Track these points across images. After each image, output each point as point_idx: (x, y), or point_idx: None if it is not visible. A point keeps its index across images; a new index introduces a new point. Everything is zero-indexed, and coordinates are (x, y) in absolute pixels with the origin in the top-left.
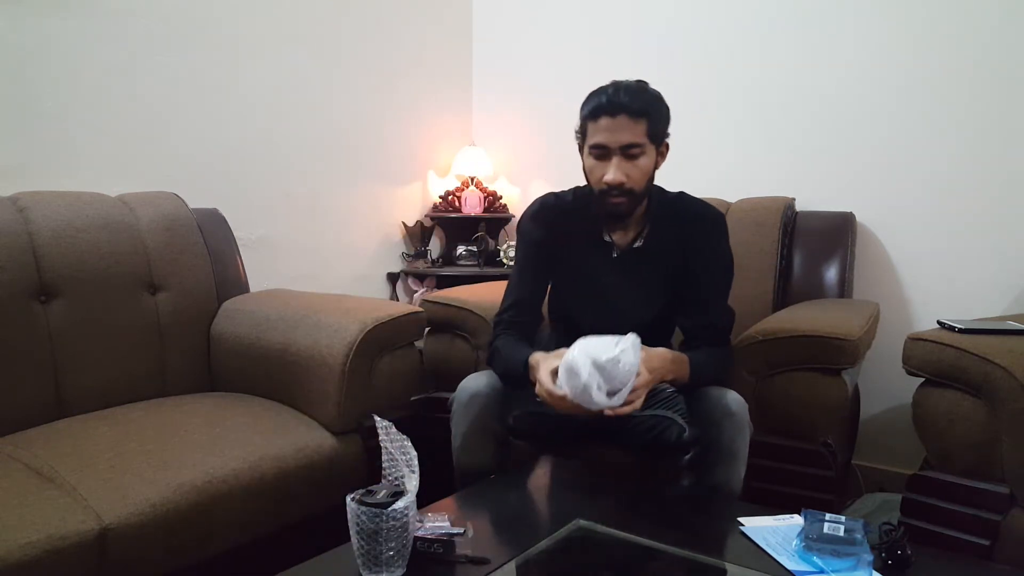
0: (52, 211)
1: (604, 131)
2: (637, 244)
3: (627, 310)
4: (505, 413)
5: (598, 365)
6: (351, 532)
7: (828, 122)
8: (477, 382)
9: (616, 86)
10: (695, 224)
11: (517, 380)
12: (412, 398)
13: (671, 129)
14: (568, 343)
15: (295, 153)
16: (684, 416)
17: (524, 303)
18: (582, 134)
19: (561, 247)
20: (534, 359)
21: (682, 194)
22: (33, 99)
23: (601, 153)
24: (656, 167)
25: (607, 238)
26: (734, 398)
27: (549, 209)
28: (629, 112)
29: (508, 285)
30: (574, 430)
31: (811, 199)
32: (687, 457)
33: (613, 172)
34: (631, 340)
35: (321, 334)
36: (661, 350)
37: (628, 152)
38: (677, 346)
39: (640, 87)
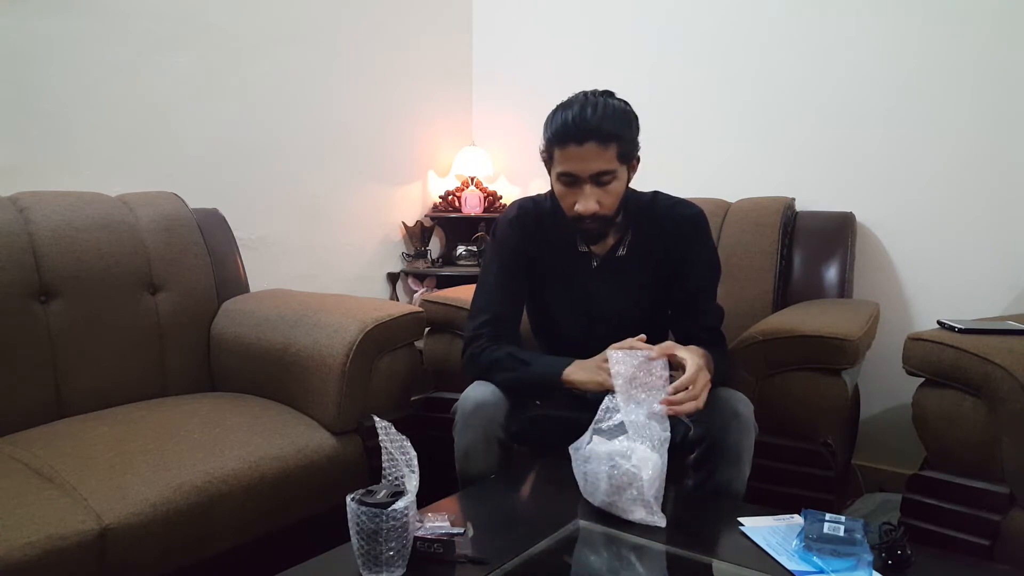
0: (52, 211)
1: (573, 160)
2: (620, 252)
3: (613, 319)
4: (509, 420)
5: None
6: (351, 532)
7: (828, 122)
8: (481, 391)
9: (582, 105)
10: (679, 228)
11: (543, 389)
12: (412, 398)
13: (668, 132)
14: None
15: (295, 153)
16: (690, 416)
17: (503, 317)
18: (548, 155)
19: (540, 255)
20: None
21: (657, 194)
22: (33, 99)
23: (571, 181)
24: (628, 182)
25: (583, 248)
26: (741, 399)
27: (527, 215)
28: (598, 138)
29: (480, 296)
30: (570, 433)
31: (811, 199)
32: (692, 457)
33: (584, 202)
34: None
35: (321, 334)
36: (696, 348)
37: (599, 180)
38: None
39: (607, 105)
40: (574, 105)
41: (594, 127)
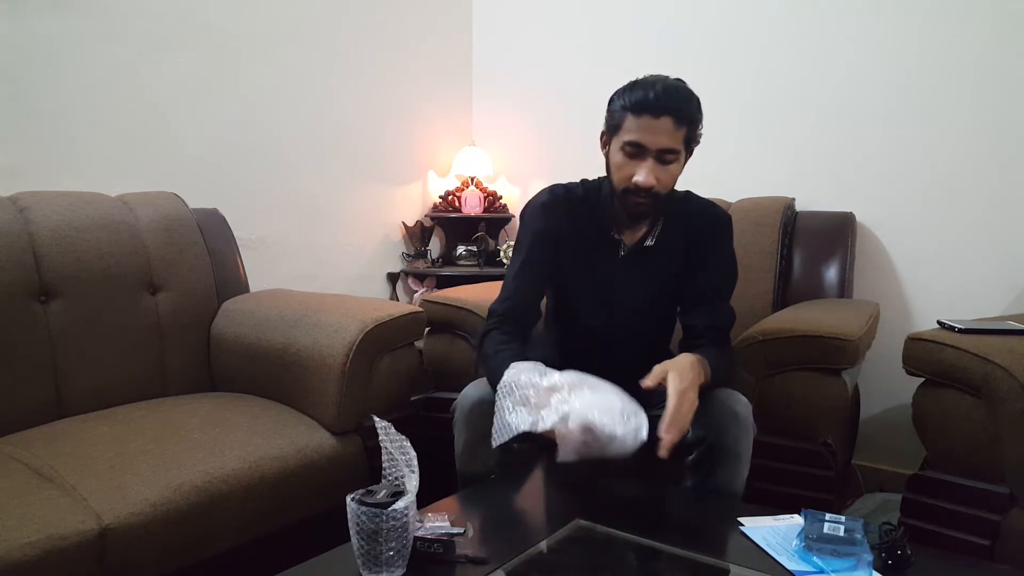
0: (52, 211)
1: (644, 130)
2: (648, 243)
3: (632, 310)
4: None
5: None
6: (351, 532)
7: (828, 122)
8: (480, 389)
9: (664, 84)
10: (706, 225)
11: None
12: (412, 398)
13: None
14: (566, 348)
15: (295, 153)
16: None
17: (522, 296)
18: (615, 124)
19: (568, 242)
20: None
21: (689, 193)
22: (33, 99)
23: (635, 152)
24: (681, 171)
25: (616, 236)
26: (739, 400)
27: (559, 201)
28: (675, 117)
29: (508, 274)
30: None
31: (811, 199)
32: (690, 458)
33: (645, 175)
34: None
35: (321, 334)
36: (685, 359)
37: (663, 157)
38: (677, 344)
39: (685, 90)
40: (657, 83)
41: (675, 105)
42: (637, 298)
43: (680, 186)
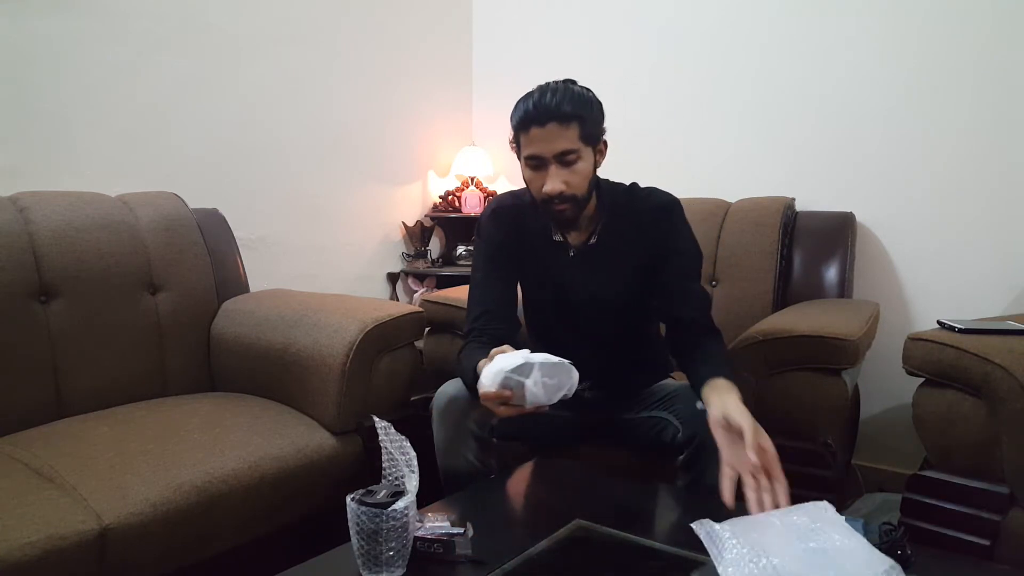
0: (52, 211)
1: (536, 141)
2: (592, 241)
3: (591, 309)
4: (486, 416)
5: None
6: (351, 532)
7: (828, 122)
8: (455, 386)
9: (541, 91)
10: (656, 219)
11: (473, 390)
12: (412, 398)
13: (668, 132)
14: (541, 350)
15: (295, 153)
16: (679, 417)
17: (495, 309)
18: (516, 145)
19: (520, 247)
20: (480, 364)
21: (633, 185)
22: (33, 99)
23: (537, 164)
24: (596, 166)
25: (557, 238)
26: None
27: (507, 210)
28: (558, 119)
29: (472, 293)
30: (560, 431)
31: (811, 199)
32: (681, 458)
33: (551, 182)
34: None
35: (321, 334)
36: (725, 395)
37: (564, 159)
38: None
39: (567, 89)
40: (535, 93)
41: (554, 108)
42: (591, 296)
43: (680, 185)
